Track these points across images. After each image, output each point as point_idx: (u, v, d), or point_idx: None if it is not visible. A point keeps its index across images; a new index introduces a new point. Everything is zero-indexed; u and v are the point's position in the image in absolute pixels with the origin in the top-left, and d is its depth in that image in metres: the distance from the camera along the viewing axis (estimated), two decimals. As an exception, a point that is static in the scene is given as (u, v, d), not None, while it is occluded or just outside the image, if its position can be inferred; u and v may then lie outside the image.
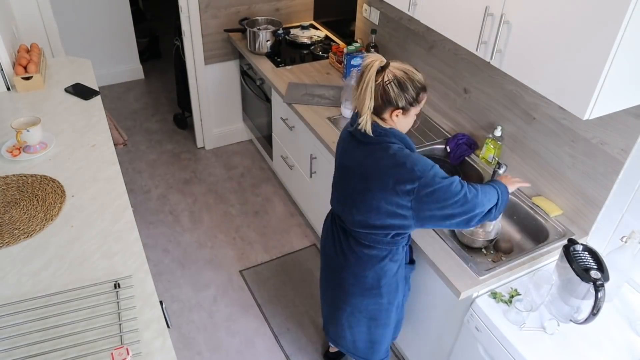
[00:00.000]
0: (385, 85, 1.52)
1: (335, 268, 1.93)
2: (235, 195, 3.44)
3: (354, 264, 1.83)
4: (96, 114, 2.35)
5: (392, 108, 1.56)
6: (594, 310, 1.57)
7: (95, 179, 1.96)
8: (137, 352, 1.36)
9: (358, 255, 1.81)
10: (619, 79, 1.39)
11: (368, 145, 1.62)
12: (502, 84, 2.16)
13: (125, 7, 4.34)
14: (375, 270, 1.81)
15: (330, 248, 1.93)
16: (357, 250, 1.80)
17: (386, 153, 1.58)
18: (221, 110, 3.74)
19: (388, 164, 1.57)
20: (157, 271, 2.87)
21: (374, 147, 1.60)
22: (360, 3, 3.04)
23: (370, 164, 1.61)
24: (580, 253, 1.65)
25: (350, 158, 1.69)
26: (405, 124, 1.64)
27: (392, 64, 1.54)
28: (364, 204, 1.66)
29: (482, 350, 1.76)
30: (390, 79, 1.52)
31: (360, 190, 1.66)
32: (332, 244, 1.92)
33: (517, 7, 1.56)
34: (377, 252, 1.78)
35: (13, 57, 2.59)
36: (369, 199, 1.63)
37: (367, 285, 1.85)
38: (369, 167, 1.61)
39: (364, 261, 1.81)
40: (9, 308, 1.46)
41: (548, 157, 2.03)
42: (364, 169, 1.63)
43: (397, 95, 1.53)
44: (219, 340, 2.54)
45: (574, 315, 1.66)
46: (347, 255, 1.84)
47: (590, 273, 1.57)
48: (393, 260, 1.80)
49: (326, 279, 2.05)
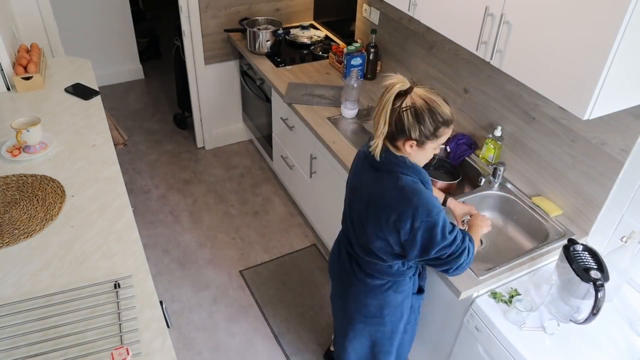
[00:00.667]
0: (402, 112, 1.40)
1: (339, 292, 1.88)
2: (235, 195, 3.44)
3: (357, 291, 1.77)
4: (96, 114, 2.35)
5: (406, 138, 1.44)
6: (593, 310, 1.57)
7: (95, 179, 1.96)
8: (137, 352, 1.36)
9: (361, 283, 1.74)
10: (619, 79, 1.39)
11: (378, 172, 1.52)
12: (502, 84, 2.16)
13: (125, 7, 4.34)
14: (377, 299, 1.74)
15: (336, 270, 1.88)
16: (360, 277, 1.74)
17: (395, 184, 1.47)
18: (221, 110, 3.74)
19: (394, 197, 1.47)
20: (157, 271, 2.87)
21: (384, 175, 1.50)
22: (360, 3, 3.04)
23: (377, 192, 1.51)
24: (581, 253, 1.65)
25: (360, 180, 1.61)
26: (421, 158, 1.51)
27: (416, 90, 1.42)
28: (365, 230, 1.59)
29: (482, 350, 1.76)
30: (408, 106, 1.39)
31: (364, 216, 1.58)
32: (337, 266, 1.86)
33: (517, 7, 1.56)
34: (379, 282, 1.70)
35: (13, 57, 2.59)
36: (370, 227, 1.56)
37: (369, 313, 1.79)
38: (375, 195, 1.52)
39: (366, 289, 1.74)
40: (9, 308, 1.46)
41: (548, 157, 2.03)
42: (370, 195, 1.54)
43: (411, 125, 1.40)
44: (219, 340, 2.54)
45: (574, 315, 1.66)
46: (351, 281, 1.78)
47: (590, 273, 1.57)
48: (397, 291, 1.72)
49: (333, 298, 1.99)
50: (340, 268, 1.84)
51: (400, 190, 1.46)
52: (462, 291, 1.70)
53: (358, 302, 1.78)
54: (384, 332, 1.85)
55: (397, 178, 1.47)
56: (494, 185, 2.16)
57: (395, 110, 1.41)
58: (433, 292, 1.97)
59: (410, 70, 2.73)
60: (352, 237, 1.70)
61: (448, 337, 1.97)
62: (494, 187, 2.17)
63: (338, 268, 1.86)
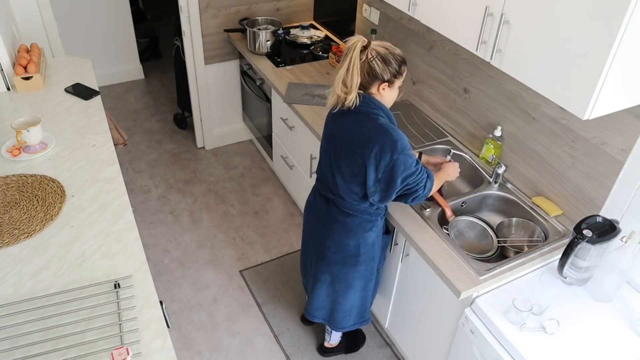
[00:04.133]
0: (370, 62, 1.66)
1: (318, 238, 2.02)
2: (235, 195, 3.44)
3: (338, 232, 1.93)
4: (96, 114, 2.35)
5: (379, 82, 1.70)
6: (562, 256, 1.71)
7: (95, 179, 1.96)
8: (137, 352, 1.36)
9: (342, 224, 1.91)
10: (619, 79, 1.39)
11: (358, 115, 1.73)
12: (502, 84, 2.16)
13: (125, 7, 4.33)
14: (357, 238, 1.93)
15: (314, 219, 2.02)
16: (341, 218, 1.91)
17: (374, 123, 1.71)
18: (221, 110, 3.74)
19: (377, 131, 1.69)
20: (157, 271, 2.87)
21: (364, 117, 1.72)
22: (360, 3, 3.04)
23: (359, 131, 1.72)
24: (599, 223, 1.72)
25: (338, 126, 1.79)
26: (392, 97, 1.78)
27: (372, 43, 1.67)
28: (348, 169, 1.78)
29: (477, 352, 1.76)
30: (374, 56, 1.66)
31: (346, 154, 1.77)
32: (316, 214, 2.01)
33: (517, 7, 1.56)
34: (359, 221, 1.89)
35: (13, 57, 2.59)
36: (352, 164, 1.75)
37: (348, 253, 1.96)
38: (357, 134, 1.73)
39: (347, 230, 1.92)
40: (9, 308, 1.46)
41: (548, 157, 2.03)
42: (352, 135, 1.74)
43: (382, 70, 1.67)
44: (219, 340, 2.54)
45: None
46: (331, 224, 1.94)
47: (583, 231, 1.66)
48: (372, 230, 1.93)
49: (307, 252, 2.16)
50: (319, 216, 2.00)
51: (381, 127, 1.70)
52: (462, 291, 1.70)
53: (339, 243, 1.96)
54: (358, 271, 2.02)
55: (375, 119, 1.72)
56: (494, 185, 2.16)
57: (364, 62, 1.66)
58: (432, 293, 1.97)
59: (410, 70, 2.73)
60: (332, 183, 1.87)
61: (444, 339, 1.97)
62: (494, 187, 2.17)
63: (317, 217, 2.01)
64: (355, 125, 1.73)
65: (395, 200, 1.84)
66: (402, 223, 1.97)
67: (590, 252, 1.68)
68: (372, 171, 1.72)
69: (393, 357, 2.50)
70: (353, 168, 1.76)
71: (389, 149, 1.68)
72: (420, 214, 2.01)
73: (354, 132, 1.73)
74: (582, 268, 1.74)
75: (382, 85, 1.71)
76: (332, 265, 2.02)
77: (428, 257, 1.83)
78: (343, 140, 1.77)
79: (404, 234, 1.96)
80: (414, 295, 2.12)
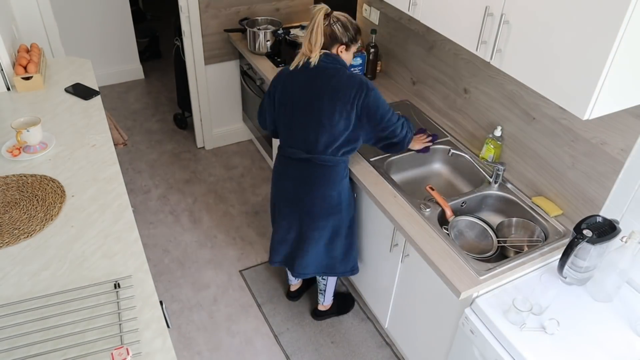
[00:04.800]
0: (332, 26, 1.94)
1: (301, 199, 2.14)
2: (235, 195, 3.44)
3: (321, 185, 2.08)
4: (96, 114, 2.35)
5: (338, 44, 1.97)
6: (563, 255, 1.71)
7: (95, 179, 1.96)
8: (137, 352, 1.36)
9: (323, 178, 2.07)
10: (619, 79, 1.39)
11: (323, 71, 1.95)
12: (502, 84, 2.16)
13: (125, 7, 4.33)
14: (337, 188, 2.11)
15: (292, 184, 2.14)
16: (320, 173, 2.07)
17: (341, 75, 1.95)
18: (221, 110, 3.74)
19: (348, 81, 1.93)
20: (157, 271, 2.87)
21: (329, 72, 1.95)
22: (360, 3, 3.04)
23: (328, 84, 1.94)
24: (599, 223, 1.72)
25: (301, 88, 1.99)
26: (348, 59, 2.03)
27: (334, 12, 1.96)
28: (332, 119, 1.95)
29: (477, 353, 1.76)
30: (335, 21, 1.94)
31: (321, 109, 1.95)
32: (293, 177, 2.13)
33: (517, 7, 1.56)
34: (338, 169, 2.08)
35: (13, 57, 2.59)
36: (336, 113, 1.94)
37: (332, 202, 2.12)
38: (327, 87, 1.94)
39: (330, 181, 2.08)
40: (9, 308, 1.46)
41: (548, 157, 2.03)
42: (321, 90, 1.95)
43: (341, 33, 1.95)
44: (219, 340, 2.54)
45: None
46: (313, 180, 2.09)
47: (583, 231, 1.66)
48: (346, 176, 2.14)
49: (286, 218, 2.24)
50: (297, 178, 2.12)
51: (351, 76, 1.96)
52: (462, 291, 1.70)
53: (324, 195, 2.11)
54: (342, 219, 2.19)
55: (343, 71, 1.97)
56: (494, 185, 2.16)
57: (327, 26, 1.94)
58: (432, 293, 1.98)
59: (410, 70, 2.73)
60: (313, 139, 2.01)
61: (444, 339, 1.97)
62: (494, 187, 2.17)
63: (295, 179, 2.13)
64: (322, 80, 1.95)
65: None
66: (402, 223, 1.97)
67: (590, 252, 1.68)
68: (354, 114, 1.94)
69: (393, 357, 2.50)
70: (338, 117, 1.94)
71: (363, 89, 1.92)
72: (420, 214, 2.01)
73: (321, 87, 1.94)
74: (582, 268, 1.74)
75: (340, 48, 1.98)
76: (319, 219, 2.15)
77: (428, 257, 1.83)
78: (313, 100, 1.97)
79: (403, 234, 1.95)
80: (414, 296, 2.12)
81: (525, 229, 2.06)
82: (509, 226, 2.08)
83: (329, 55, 1.97)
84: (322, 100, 1.95)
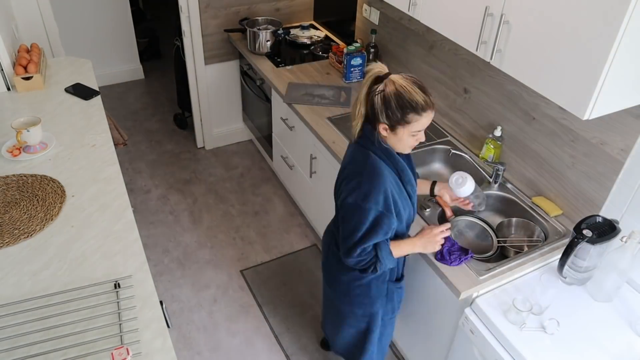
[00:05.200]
0: (374, 96, 1.49)
1: (323, 267, 1.98)
2: (235, 195, 3.44)
3: (334, 265, 1.86)
4: (96, 114, 2.35)
5: (379, 121, 1.52)
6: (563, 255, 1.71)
7: (95, 179, 1.96)
8: (137, 352, 1.36)
9: (335, 256, 1.83)
10: (619, 79, 1.39)
11: (357, 148, 1.62)
12: (502, 84, 2.16)
13: (125, 7, 4.34)
14: (347, 275, 1.80)
15: (323, 246, 1.97)
16: (334, 250, 1.83)
17: (364, 158, 1.58)
18: (221, 110, 3.74)
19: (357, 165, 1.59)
20: (157, 271, 2.87)
21: (360, 149, 1.61)
22: (360, 3, 3.04)
23: (349, 161, 1.64)
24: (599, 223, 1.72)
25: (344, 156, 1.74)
26: (395, 142, 1.57)
27: (392, 76, 1.48)
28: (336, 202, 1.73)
29: (477, 353, 1.76)
30: (379, 91, 1.47)
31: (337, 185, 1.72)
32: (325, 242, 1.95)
33: (517, 7, 1.56)
34: None
35: (13, 57, 2.59)
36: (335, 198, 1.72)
37: (341, 288, 1.86)
38: (346, 164, 1.65)
39: (338, 262, 1.79)
40: (9, 308, 1.46)
41: (548, 157, 2.03)
42: (344, 165, 1.68)
43: (379, 109, 1.49)
44: (219, 340, 2.54)
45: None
46: (328, 256, 1.89)
47: (583, 231, 1.65)
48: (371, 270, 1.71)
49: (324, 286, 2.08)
50: (323, 248, 1.95)
51: (364, 163, 1.57)
52: (462, 291, 1.70)
53: (335, 276, 1.86)
54: (354, 313, 1.89)
55: (368, 155, 1.57)
56: (494, 185, 2.16)
57: (369, 94, 1.51)
58: (432, 293, 1.97)
59: (410, 70, 2.73)
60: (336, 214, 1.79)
61: (444, 339, 1.97)
62: (494, 187, 2.17)
63: (323, 248, 1.96)
64: (350, 155, 1.65)
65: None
66: (402, 223, 1.96)
67: (590, 252, 1.68)
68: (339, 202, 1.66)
69: (393, 357, 2.50)
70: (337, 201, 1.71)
71: (350, 189, 1.57)
72: (420, 214, 2.01)
73: (346, 162, 1.66)
74: (582, 268, 1.74)
75: (382, 126, 1.52)
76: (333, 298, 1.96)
77: (428, 257, 1.83)
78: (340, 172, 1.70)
79: (404, 234, 1.96)
80: (414, 296, 2.12)
81: (525, 229, 2.06)
82: (509, 226, 2.08)
83: (367, 129, 1.58)
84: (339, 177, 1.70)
